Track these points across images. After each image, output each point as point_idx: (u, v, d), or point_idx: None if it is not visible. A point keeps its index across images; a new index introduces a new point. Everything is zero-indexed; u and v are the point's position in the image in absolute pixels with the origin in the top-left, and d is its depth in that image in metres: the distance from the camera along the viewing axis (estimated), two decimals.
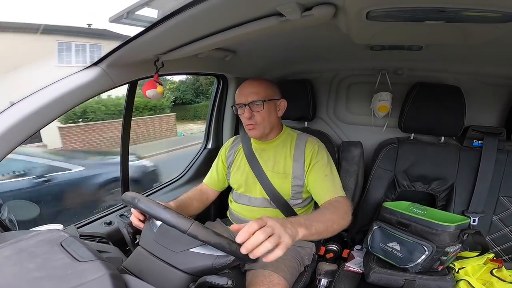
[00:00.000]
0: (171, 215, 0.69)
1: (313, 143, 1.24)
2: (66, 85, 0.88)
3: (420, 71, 1.54)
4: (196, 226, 0.67)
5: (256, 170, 1.25)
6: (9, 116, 0.77)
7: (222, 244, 0.67)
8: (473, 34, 0.82)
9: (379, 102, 1.60)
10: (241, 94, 1.20)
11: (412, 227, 1.15)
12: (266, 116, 1.18)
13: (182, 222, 0.67)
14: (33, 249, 0.58)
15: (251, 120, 1.18)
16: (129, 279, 0.62)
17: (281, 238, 0.66)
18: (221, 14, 0.72)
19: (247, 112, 1.17)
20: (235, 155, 1.35)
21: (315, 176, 1.18)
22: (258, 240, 0.63)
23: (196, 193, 1.32)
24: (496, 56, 1.24)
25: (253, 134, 1.22)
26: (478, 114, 1.46)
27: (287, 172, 1.22)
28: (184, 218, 0.68)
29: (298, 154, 1.22)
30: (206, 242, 0.67)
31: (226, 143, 1.43)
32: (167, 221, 0.69)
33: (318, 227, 0.83)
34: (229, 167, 1.35)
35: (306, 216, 0.90)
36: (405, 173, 1.43)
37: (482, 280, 1.10)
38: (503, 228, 1.34)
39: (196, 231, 0.66)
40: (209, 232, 0.67)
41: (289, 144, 1.25)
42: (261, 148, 1.28)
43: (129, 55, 0.94)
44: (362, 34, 0.89)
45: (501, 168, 1.32)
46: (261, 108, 1.17)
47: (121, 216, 1.31)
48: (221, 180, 1.37)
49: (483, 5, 0.59)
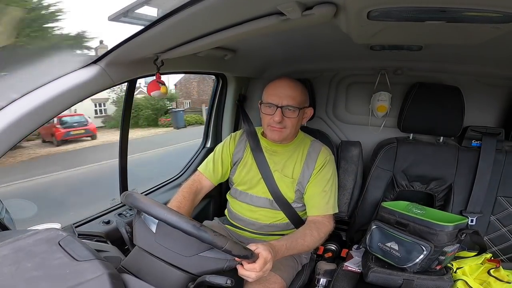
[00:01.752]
0: (208, 234, 0.70)
1: (325, 154, 1.23)
2: (64, 83, 0.87)
3: (419, 71, 1.54)
4: (232, 243, 0.73)
5: (262, 170, 1.23)
6: (7, 114, 0.77)
7: (248, 256, 0.79)
8: (473, 34, 0.82)
9: (378, 102, 1.60)
10: (275, 94, 1.13)
11: (411, 227, 1.15)
12: (295, 123, 1.15)
13: (219, 240, 0.71)
14: (31, 248, 0.58)
15: (279, 124, 1.12)
16: (128, 279, 0.62)
17: (263, 276, 0.85)
18: (221, 12, 0.72)
19: (278, 115, 1.10)
20: (244, 152, 1.29)
21: (314, 188, 1.19)
22: (257, 276, 0.83)
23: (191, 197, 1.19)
24: (495, 56, 1.24)
25: (277, 138, 1.17)
26: (477, 114, 1.47)
27: (295, 177, 1.22)
28: (220, 236, 0.72)
29: (309, 162, 1.21)
30: (237, 256, 0.76)
31: (232, 135, 1.35)
32: (203, 239, 0.70)
33: (292, 253, 1.03)
34: (236, 163, 1.30)
35: (290, 243, 1.00)
36: (403, 173, 1.44)
37: (479, 280, 1.10)
38: (501, 228, 1.34)
39: (231, 247, 0.73)
40: (240, 247, 0.76)
41: (301, 150, 1.24)
42: (272, 150, 1.26)
43: (128, 53, 0.93)
44: (362, 34, 0.89)
45: (500, 169, 1.33)
46: (294, 114, 1.13)
47: (119, 215, 1.30)
48: (223, 175, 1.30)
49: (484, 5, 0.59)
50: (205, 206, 1.71)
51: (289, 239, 1.01)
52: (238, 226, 1.31)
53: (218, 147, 1.34)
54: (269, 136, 1.20)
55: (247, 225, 1.28)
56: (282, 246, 0.96)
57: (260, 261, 0.82)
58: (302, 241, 1.04)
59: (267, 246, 0.87)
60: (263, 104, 1.16)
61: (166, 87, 1.04)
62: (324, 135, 1.58)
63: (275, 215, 1.25)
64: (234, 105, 1.82)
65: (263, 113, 1.17)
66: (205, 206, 1.72)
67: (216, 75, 1.73)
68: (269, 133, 1.18)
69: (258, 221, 1.26)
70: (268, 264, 0.84)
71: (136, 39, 0.83)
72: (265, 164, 1.23)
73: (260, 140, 1.28)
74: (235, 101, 1.81)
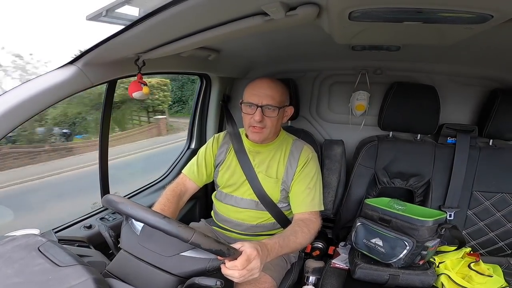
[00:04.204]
0: (171, 225, 0.66)
1: (307, 152, 1.24)
2: (39, 84, 0.84)
3: (397, 71, 1.59)
4: (199, 236, 0.66)
5: (247, 171, 1.23)
6: None
7: (223, 250, 0.70)
8: (447, 34, 0.86)
9: (357, 101, 1.64)
10: (255, 94, 1.13)
11: (393, 222, 1.18)
12: (275, 123, 1.16)
13: (185, 232, 0.65)
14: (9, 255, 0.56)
15: (260, 123, 1.13)
16: (113, 283, 0.60)
17: (253, 275, 0.79)
18: (205, 12, 0.71)
19: (259, 115, 1.11)
20: (226, 154, 1.29)
21: (298, 186, 1.19)
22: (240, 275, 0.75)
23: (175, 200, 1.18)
24: (469, 57, 1.31)
25: (257, 138, 1.18)
26: (452, 112, 1.53)
27: (279, 177, 1.22)
28: (186, 228, 0.67)
29: (292, 160, 1.22)
30: (208, 250, 0.68)
31: (215, 136, 1.35)
32: (169, 232, 0.65)
33: (285, 251, 0.98)
34: (218, 165, 1.30)
35: (283, 240, 0.96)
36: (384, 170, 1.48)
37: (461, 274, 1.14)
38: (478, 222, 1.41)
39: (199, 240, 0.66)
40: (211, 240, 0.68)
41: (284, 149, 1.25)
42: (255, 151, 1.26)
43: (107, 53, 0.90)
44: (344, 34, 0.91)
45: (474, 164, 1.39)
46: (274, 114, 1.13)
47: (101, 219, 1.26)
48: (207, 176, 1.30)
49: (458, 6, 0.61)
50: (191, 207, 1.69)
51: (281, 237, 0.98)
52: (225, 227, 1.30)
53: (201, 149, 1.33)
54: (250, 137, 1.21)
55: (233, 226, 1.28)
56: (275, 244, 0.91)
57: (242, 257, 0.75)
58: (294, 238, 1.01)
59: (255, 244, 0.82)
60: (244, 104, 1.17)
61: (148, 88, 1.01)
62: (308, 134, 1.60)
63: (261, 216, 1.25)
64: (218, 106, 1.81)
65: (244, 113, 1.18)
66: (191, 207, 1.70)
67: (200, 75, 1.71)
68: (250, 135, 1.20)
69: (244, 222, 1.26)
70: (253, 262, 0.77)
71: (116, 39, 0.80)
72: (249, 165, 1.24)
73: (244, 142, 1.28)
74: (219, 102, 1.80)
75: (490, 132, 1.39)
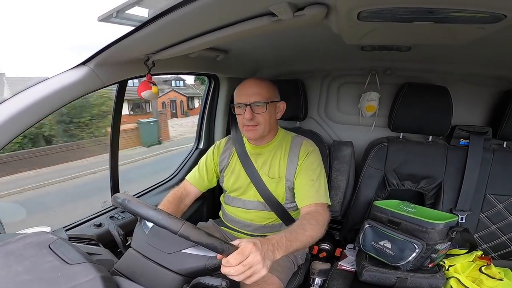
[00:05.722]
0: (162, 216, 0.67)
1: (307, 146, 1.23)
2: (52, 85, 0.85)
3: (408, 71, 1.57)
4: (187, 227, 0.66)
5: (251, 174, 1.24)
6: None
7: (214, 244, 0.66)
8: (459, 34, 0.84)
9: (367, 101, 1.62)
10: (242, 94, 1.16)
11: (403, 225, 1.17)
12: (267, 118, 1.16)
13: (173, 223, 0.66)
14: (21, 252, 0.57)
15: (251, 121, 1.14)
16: (121, 282, 0.61)
17: (256, 272, 0.71)
18: (213, 13, 0.72)
19: (248, 113, 1.13)
20: (229, 159, 1.31)
21: (301, 179, 1.18)
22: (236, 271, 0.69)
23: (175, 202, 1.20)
24: (481, 57, 1.27)
25: (252, 136, 1.19)
26: (465, 113, 1.50)
27: (281, 176, 1.22)
28: (175, 219, 0.67)
29: (292, 157, 1.22)
30: (198, 242, 0.65)
31: (217, 144, 1.38)
32: (157, 222, 0.67)
33: (297, 246, 0.89)
34: (222, 171, 1.32)
35: (290, 234, 0.89)
36: (394, 172, 1.46)
37: (471, 277, 1.12)
38: (491, 225, 1.37)
39: (188, 232, 0.65)
40: (201, 233, 0.66)
41: (284, 146, 1.25)
42: (256, 153, 1.26)
43: (118, 54, 0.92)
44: (353, 34, 0.90)
45: (487, 167, 1.36)
46: (263, 109, 1.15)
47: (111, 218, 1.28)
48: (209, 181, 1.33)
49: (470, 6, 0.60)
50: (198, 207, 1.70)
51: (287, 231, 0.93)
52: (234, 228, 1.31)
53: (203, 158, 1.37)
54: (246, 136, 1.23)
55: (242, 227, 1.28)
56: (281, 238, 0.85)
57: (234, 252, 0.69)
58: (302, 231, 0.95)
59: (254, 239, 0.76)
60: (235, 106, 1.20)
61: (157, 87, 1.03)
62: (317, 135, 1.59)
63: (269, 216, 1.25)
64: (226, 106, 1.82)
65: (236, 114, 1.21)
66: (199, 207, 1.71)
67: (208, 76, 1.72)
68: (246, 134, 1.21)
69: (253, 222, 1.26)
70: (250, 257, 0.70)
71: (126, 40, 0.82)
72: (253, 168, 1.24)
73: (246, 145, 1.29)
74: (228, 102, 1.80)
75: (504, 134, 1.36)
